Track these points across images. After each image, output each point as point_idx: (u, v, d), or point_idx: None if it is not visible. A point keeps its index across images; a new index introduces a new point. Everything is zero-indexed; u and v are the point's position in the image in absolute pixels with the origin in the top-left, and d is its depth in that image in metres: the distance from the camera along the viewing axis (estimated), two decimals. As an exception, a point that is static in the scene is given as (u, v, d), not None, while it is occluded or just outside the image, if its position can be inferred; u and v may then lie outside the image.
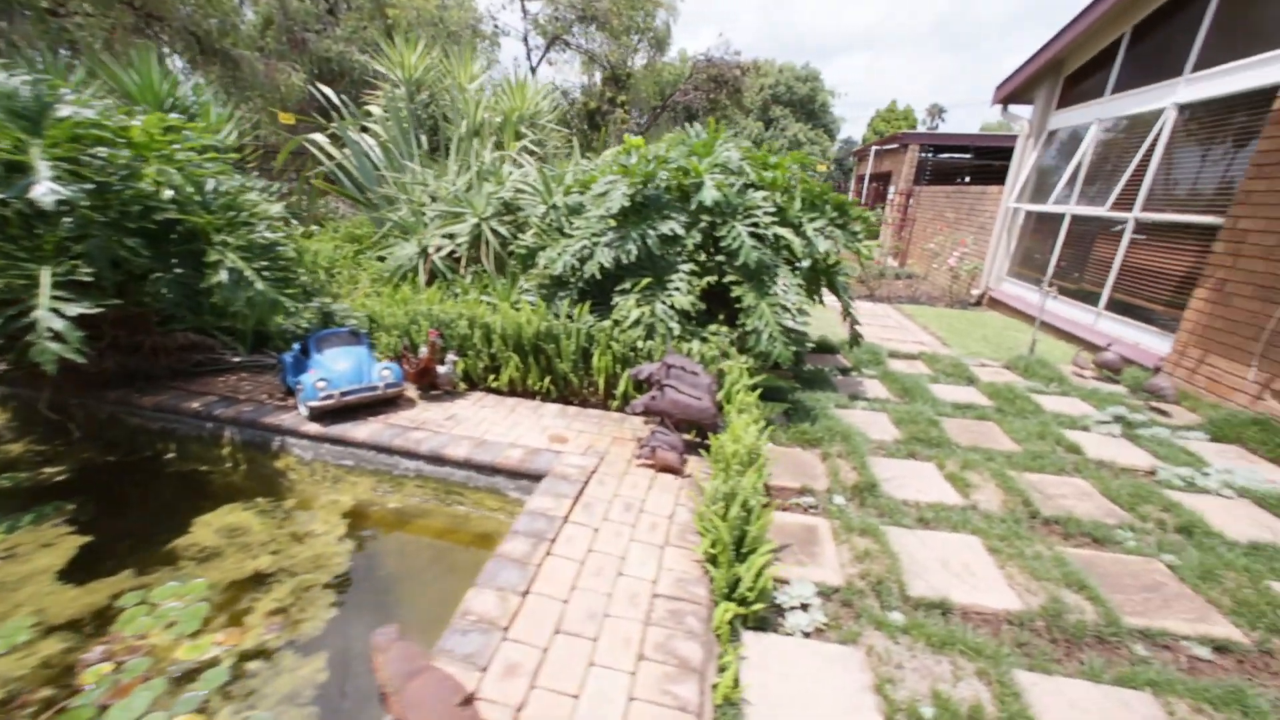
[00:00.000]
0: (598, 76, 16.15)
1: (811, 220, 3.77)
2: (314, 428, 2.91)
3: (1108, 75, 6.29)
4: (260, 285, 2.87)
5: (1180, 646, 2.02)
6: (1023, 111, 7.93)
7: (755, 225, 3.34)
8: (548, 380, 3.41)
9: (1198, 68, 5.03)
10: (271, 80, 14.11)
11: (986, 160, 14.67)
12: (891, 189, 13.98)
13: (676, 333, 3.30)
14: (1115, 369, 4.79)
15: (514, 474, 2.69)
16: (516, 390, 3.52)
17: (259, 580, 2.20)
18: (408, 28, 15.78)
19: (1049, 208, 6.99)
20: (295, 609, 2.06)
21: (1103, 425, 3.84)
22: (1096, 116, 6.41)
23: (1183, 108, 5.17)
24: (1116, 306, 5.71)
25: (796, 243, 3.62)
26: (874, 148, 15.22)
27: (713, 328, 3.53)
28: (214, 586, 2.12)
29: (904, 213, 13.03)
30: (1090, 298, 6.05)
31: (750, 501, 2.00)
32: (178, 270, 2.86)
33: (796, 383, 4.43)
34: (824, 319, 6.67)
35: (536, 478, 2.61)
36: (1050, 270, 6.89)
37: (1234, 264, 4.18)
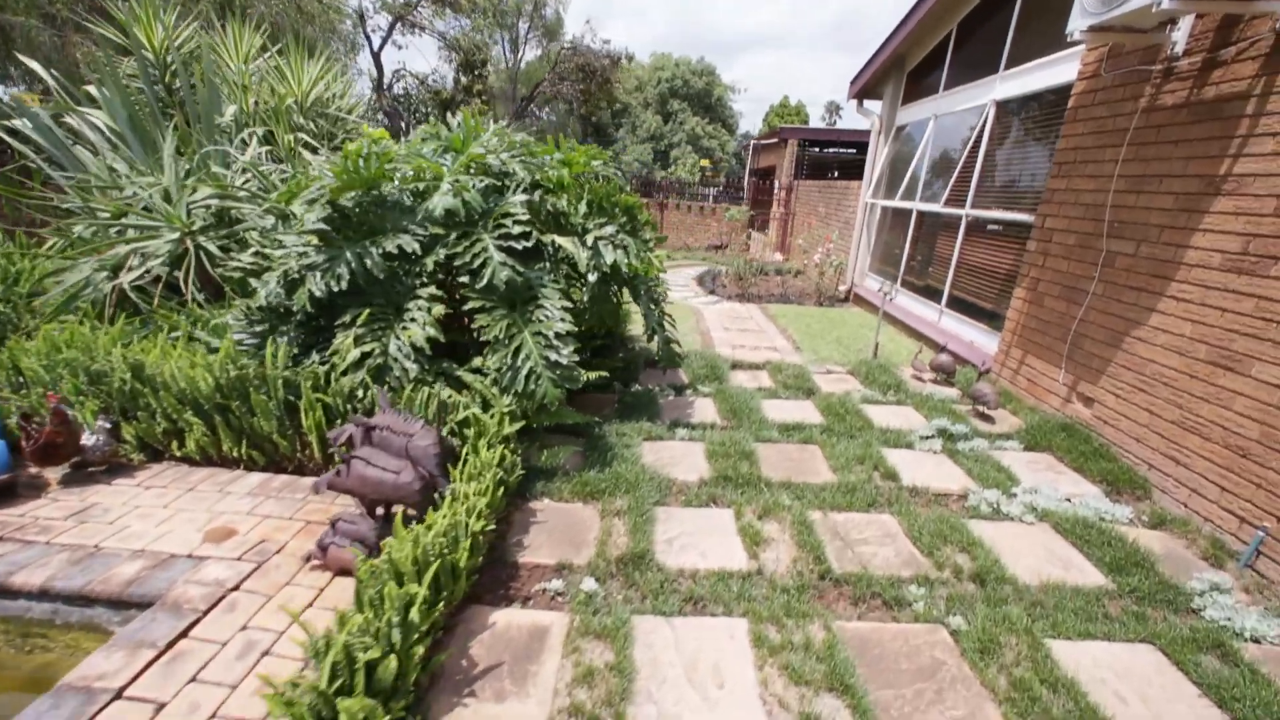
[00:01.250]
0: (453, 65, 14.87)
1: (601, 226, 3.22)
2: None
3: (941, 72, 6.31)
4: None
5: (943, 767, 1.63)
6: (876, 107, 7.95)
7: (506, 237, 2.72)
8: (245, 444, 2.62)
9: (1010, 65, 5.02)
10: (70, 56, 11.77)
11: (862, 155, 15.16)
12: (776, 184, 14.07)
13: (414, 374, 2.62)
14: (949, 371, 4.68)
15: (118, 603, 1.90)
16: (212, 458, 2.69)
17: None
18: (245, 4, 13.82)
19: (898, 203, 6.99)
20: None
21: (925, 441, 3.61)
22: (934, 112, 6.42)
23: (1000, 104, 5.16)
24: (955, 304, 5.70)
25: (581, 255, 3.05)
26: (753, 143, 15.28)
27: (478, 362, 2.88)
28: None
29: (786, 207, 13.11)
30: (935, 294, 6.04)
31: (358, 658, 1.37)
32: None
33: (617, 409, 3.90)
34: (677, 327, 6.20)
35: (146, 605, 1.84)
36: (902, 268, 6.89)
37: (1044, 263, 4.11)
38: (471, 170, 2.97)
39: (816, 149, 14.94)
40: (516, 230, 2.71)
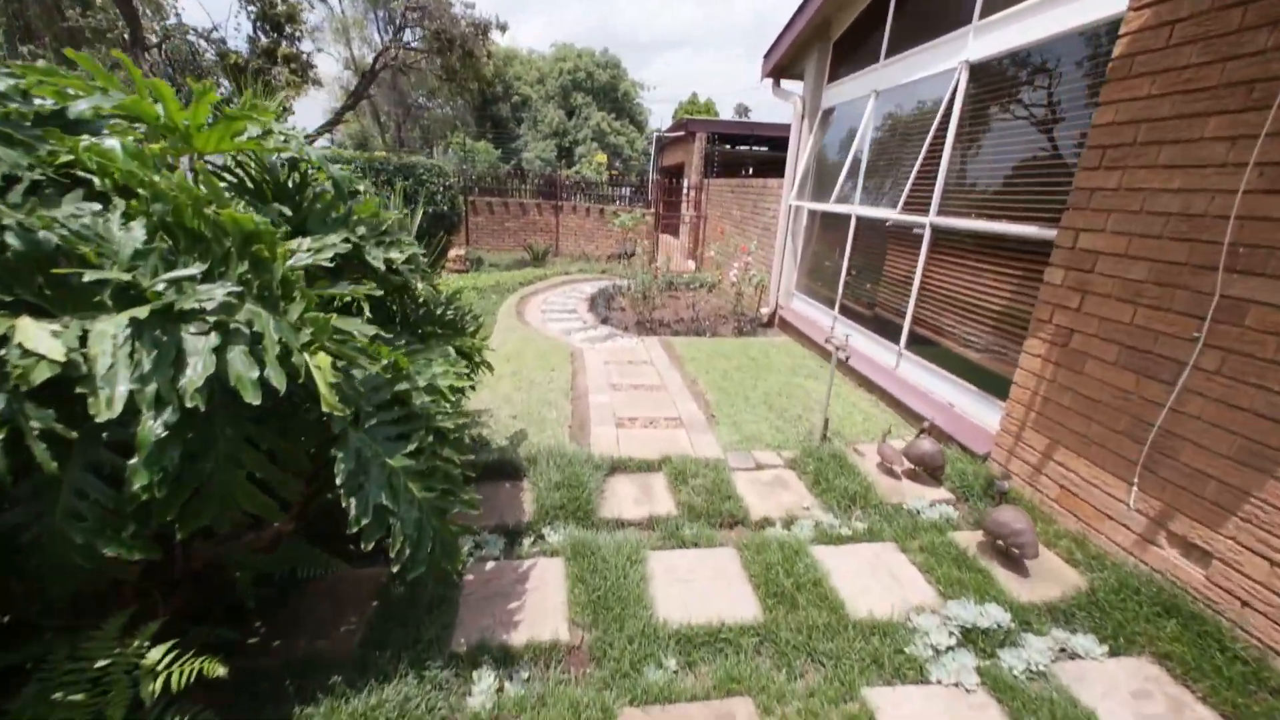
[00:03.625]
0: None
1: (180, 286, 1.22)
2: None
3: (882, 34, 4.82)
4: None
5: None
6: (796, 88, 6.45)
7: None
8: None
9: (990, 10, 3.54)
10: None
11: (780, 151, 13.99)
12: (685, 183, 12.49)
13: None
14: (935, 468, 3.10)
15: None
16: None
17: None
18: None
19: (831, 206, 5.49)
20: None
21: (945, 658, 1.93)
22: (874, 88, 4.93)
23: (977, 68, 3.68)
24: (920, 344, 4.20)
25: (94, 367, 1.05)
26: (657, 136, 13.63)
27: None
28: None
29: (697, 209, 11.56)
30: (891, 330, 4.54)
31: None
32: None
33: (375, 614, 1.92)
34: (522, 381, 4.19)
35: None
36: (840, 291, 5.38)
37: (1080, 305, 2.60)
38: None
39: (728, 145, 13.55)
40: None
